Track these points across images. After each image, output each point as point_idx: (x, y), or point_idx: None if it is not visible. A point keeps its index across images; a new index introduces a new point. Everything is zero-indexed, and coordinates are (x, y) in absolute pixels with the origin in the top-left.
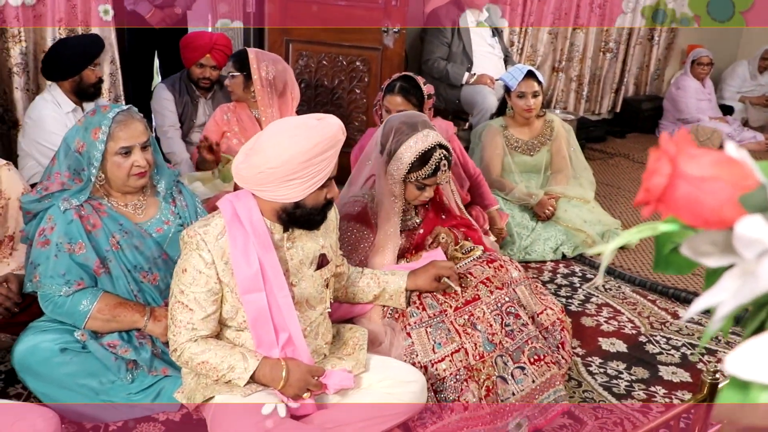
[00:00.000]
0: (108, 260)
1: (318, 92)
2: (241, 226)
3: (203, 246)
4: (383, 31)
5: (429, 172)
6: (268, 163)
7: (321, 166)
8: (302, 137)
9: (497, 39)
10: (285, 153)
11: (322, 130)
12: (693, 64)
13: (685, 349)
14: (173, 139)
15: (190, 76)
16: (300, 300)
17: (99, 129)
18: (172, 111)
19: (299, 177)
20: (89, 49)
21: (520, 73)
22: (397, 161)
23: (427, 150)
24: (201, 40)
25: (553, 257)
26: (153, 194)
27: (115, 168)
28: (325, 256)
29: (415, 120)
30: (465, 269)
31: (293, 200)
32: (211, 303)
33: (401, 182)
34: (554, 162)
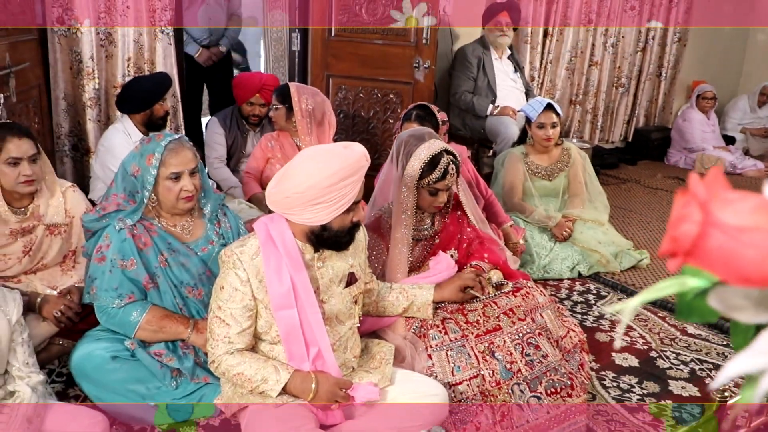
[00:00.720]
0: (157, 276)
1: (355, 122)
2: (274, 246)
3: (239, 265)
4: (414, 66)
5: (438, 175)
6: (294, 188)
7: (344, 191)
8: (326, 164)
9: (519, 74)
10: (310, 179)
11: (346, 158)
12: (698, 98)
13: (693, 365)
14: (220, 168)
15: (240, 111)
16: (330, 316)
17: (153, 155)
18: (222, 144)
19: (324, 201)
20: (159, 87)
21: (540, 106)
22: (408, 169)
23: (435, 155)
24: (252, 81)
25: (569, 276)
26: (200, 216)
27: (165, 191)
28: (353, 275)
29: (421, 132)
30: (490, 299)
31: (320, 223)
32: (246, 318)
33: (414, 189)
34: (571, 187)
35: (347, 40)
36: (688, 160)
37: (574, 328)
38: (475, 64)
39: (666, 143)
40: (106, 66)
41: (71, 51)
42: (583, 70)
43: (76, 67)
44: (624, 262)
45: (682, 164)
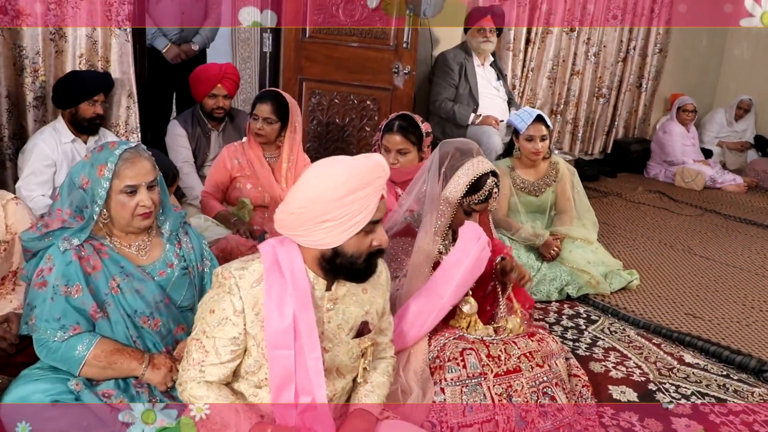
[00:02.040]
0: (107, 304)
1: (329, 129)
2: (280, 274)
3: (236, 291)
4: (394, 71)
5: (482, 198)
6: (296, 202)
7: (357, 207)
8: (333, 174)
9: (502, 82)
10: (312, 191)
11: (356, 167)
12: (678, 110)
13: (695, 398)
14: (189, 174)
15: (202, 109)
16: (330, 367)
17: (105, 166)
18: (186, 146)
19: (332, 219)
20: (91, 85)
21: (530, 117)
22: (452, 185)
23: (482, 176)
24: (211, 71)
25: (558, 297)
26: (158, 235)
27: (119, 207)
28: (367, 325)
29: (469, 147)
30: (510, 339)
31: (330, 246)
32: (230, 353)
33: (454, 207)
34: (558, 203)
35: (322, 42)
36: (668, 173)
37: (578, 371)
38: (457, 70)
39: (645, 155)
40: (54, 63)
41: (15, 45)
42: (565, 79)
43: (20, 64)
44: (614, 283)
45: (662, 177)
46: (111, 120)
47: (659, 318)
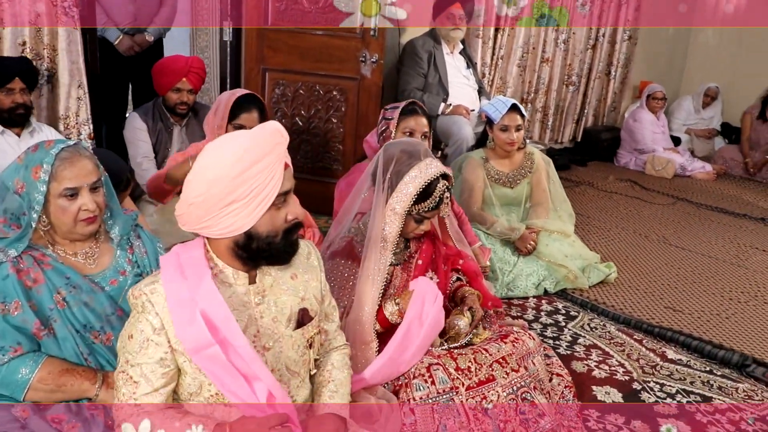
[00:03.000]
0: (52, 320)
1: (294, 121)
2: (182, 277)
3: (149, 308)
4: (361, 60)
5: (432, 205)
6: (195, 190)
7: (261, 180)
8: (227, 150)
9: (471, 70)
10: (209, 173)
11: (251, 137)
12: (648, 98)
13: (680, 397)
14: (148, 170)
15: (165, 102)
16: (277, 367)
17: (40, 167)
18: (146, 141)
19: (238, 198)
20: (3, 71)
21: (504, 106)
22: (399, 193)
23: (431, 181)
24: (176, 64)
25: (535, 293)
26: (106, 241)
27: (59, 212)
28: (306, 312)
29: (416, 148)
30: (479, 346)
31: (242, 230)
32: (161, 376)
33: (402, 217)
34: (534, 195)
35: (286, 31)
36: (638, 162)
37: (561, 371)
38: (426, 59)
39: (615, 144)
40: None
41: None
42: (535, 67)
43: None
44: (592, 277)
45: (633, 166)
46: (60, 112)
47: (639, 312)
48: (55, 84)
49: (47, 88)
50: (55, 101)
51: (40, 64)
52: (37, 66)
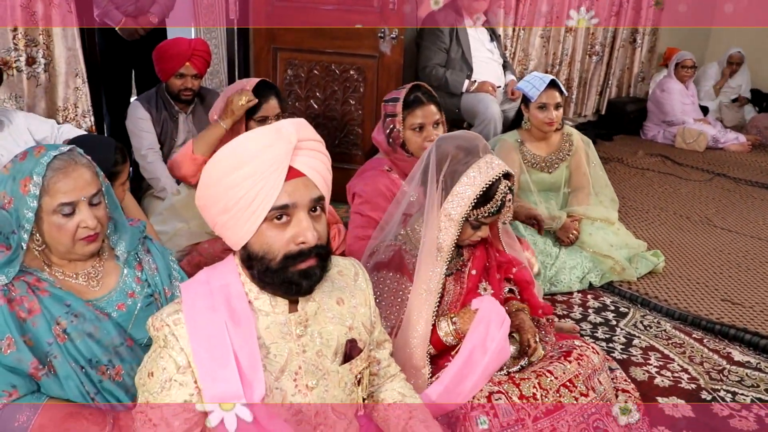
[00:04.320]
0: (51, 356)
1: (309, 104)
2: (209, 307)
3: (173, 343)
4: (380, 36)
5: (493, 210)
6: (198, 191)
7: (246, 188)
8: (221, 151)
9: (495, 44)
10: (203, 177)
11: (245, 136)
12: (677, 66)
13: (757, 409)
14: (154, 163)
15: (168, 89)
16: (323, 409)
17: (29, 179)
18: (150, 131)
19: (226, 208)
20: None
21: (542, 83)
22: (455, 197)
23: (492, 183)
24: (179, 48)
25: (579, 287)
26: (111, 258)
27: (54, 231)
28: (355, 343)
29: (473, 144)
30: (542, 367)
31: (237, 246)
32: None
33: (460, 223)
34: (573, 179)
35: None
36: (667, 134)
37: (627, 386)
38: (447, 32)
39: (641, 116)
40: None
41: None
42: (559, 37)
43: None
44: (640, 267)
45: (661, 139)
46: (58, 103)
47: (695, 306)
48: (51, 73)
49: (45, 77)
50: (53, 91)
51: (36, 50)
52: (33, 53)
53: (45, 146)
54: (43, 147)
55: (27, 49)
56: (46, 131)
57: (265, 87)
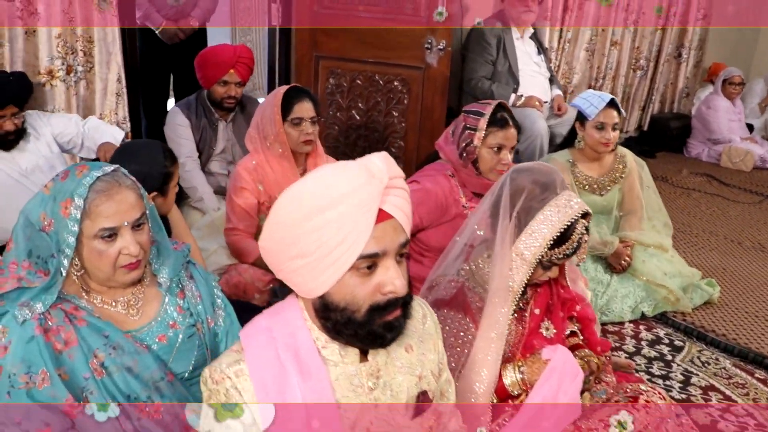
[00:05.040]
0: (87, 391)
1: (350, 115)
2: (274, 359)
3: (236, 398)
4: (426, 47)
5: (569, 251)
6: (265, 231)
7: (329, 233)
8: (297, 188)
9: (543, 57)
10: (274, 214)
11: (325, 174)
12: (724, 83)
13: None
14: (192, 171)
15: (210, 96)
16: None
17: (70, 201)
18: (189, 139)
19: (302, 253)
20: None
21: (601, 101)
22: (530, 236)
23: (570, 223)
24: (224, 55)
25: (631, 317)
26: (153, 284)
27: (94, 257)
28: (426, 395)
29: (551, 179)
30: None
31: (314, 294)
32: None
33: (533, 264)
34: (626, 202)
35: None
36: (712, 153)
37: None
38: (494, 44)
39: (685, 132)
40: (24, 46)
41: None
42: (604, 50)
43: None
44: (695, 298)
45: (705, 157)
46: (96, 111)
47: (755, 342)
48: (90, 80)
49: (83, 85)
50: (91, 99)
51: (74, 58)
52: (70, 62)
53: (88, 165)
54: (86, 166)
55: (67, 57)
56: (71, 132)
57: (298, 90)
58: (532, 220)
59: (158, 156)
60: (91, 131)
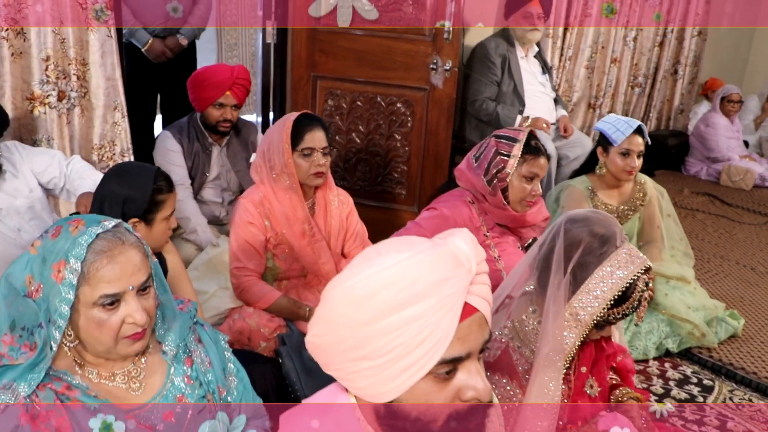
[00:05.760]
0: None
1: (350, 138)
2: None
3: None
4: (431, 67)
5: (629, 311)
6: (316, 324)
7: (409, 334)
8: (363, 275)
9: (547, 76)
10: (331, 308)
11: (399, 262)
12: (723, 101)
13: None
14: (184, 200)
15: (204, 119)
16: None
17: (64, 264)
18: (181, 165)
19: (370, 355)
20: None
21: (628, 127)
22: (587, 296)
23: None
24: (220, 76)
25: (655, 354)
26: (156, 351)
27: (93, 328)
28: None
29: (611, 230)
30: None
31: (380, 400)
32: None
33: (589, 325)
34: (645, 232)
35: (341, 32)
36: (711, 171)
37: None
38: (499, 64)
39: (683, 150)
40: (11, 69)
41: None
42: (604, 68)
43: None
44: (720, 331)
45: (704, 175)
46: (94, 141)
47: None
48: (85, 107)
49: (77, 112)
50: (88, 128)
51: (66, 83)
52: (61, 86)
53: (84, 220)
54: (81, 221)
55: (59, 82)
56: (53, 172)
57: (310, 117)
58: (589, 277)
59: (147, 179)
60: (73, 175)
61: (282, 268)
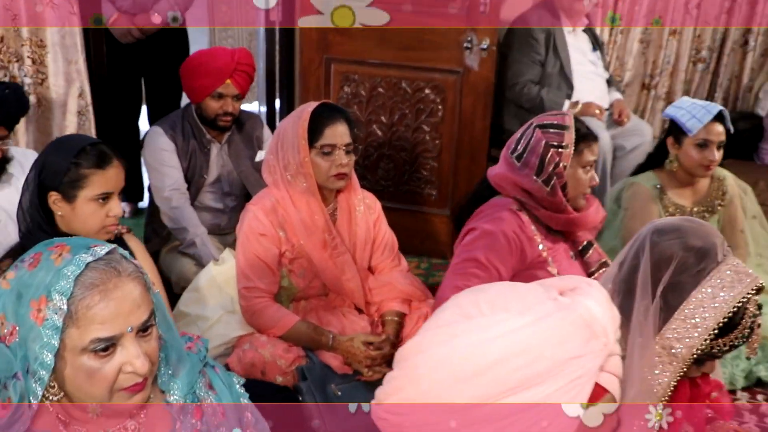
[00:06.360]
0: None
1: (371, 130)
2: None
3: None
4: (466, 47)
5: (739, 342)
6: (389, 397)
7: (522, 425)
8: (459, 346)
9: (599, 54)
10: (415, 384)
11: (519, 329)
12: None
13: None
14: (180, 208)
15: (201, 113)
16: None
17: (46, 301)
18: (175, 166)
19: None
20: None
21: (706, 114)
22: (683, 324)
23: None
24: (220, 61)
25: (744, 383)
26: (159, 401)
27: (81, 378)
28: None
29: (711, 242)
30: None
31: None
32: None
33: (687, 360)
34: (725, 237)
35: None
36: None
37: None
38: (542, 41)
39: (756, 135)
40: None
41: None
42: (661, 41)
43: None
44: None
45: None
46: (54, 134)
47: None
48: (42, 96)
49: (32, 101)
50: (45, 120)
51: (19, 67)
52: (13, 71)
53: (69, 245)
54: (66, 246)
55: (10, 66)
56: None
57: (331, 109)
58: (685, 301)
59: (71, 149)
60: None
61: (299, 287)
